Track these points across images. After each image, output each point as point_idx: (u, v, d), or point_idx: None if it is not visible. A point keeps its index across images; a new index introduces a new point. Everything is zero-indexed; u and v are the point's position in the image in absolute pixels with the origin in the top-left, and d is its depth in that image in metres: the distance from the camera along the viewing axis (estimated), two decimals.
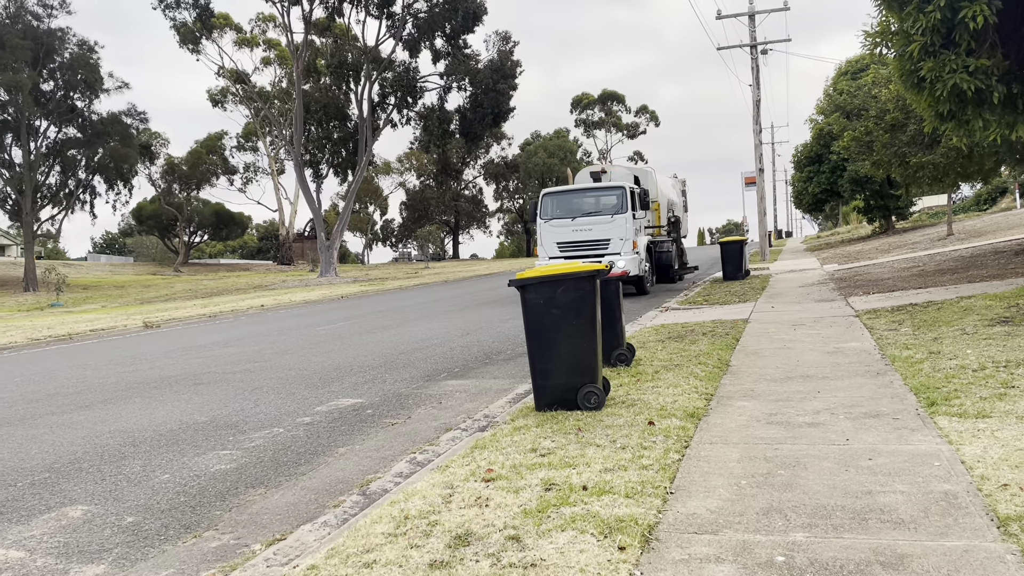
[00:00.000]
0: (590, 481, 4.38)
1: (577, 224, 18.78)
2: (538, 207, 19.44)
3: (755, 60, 31.20)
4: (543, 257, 18.91)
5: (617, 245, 18.31)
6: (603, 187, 19.41)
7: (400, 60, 49.27)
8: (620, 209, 18.55)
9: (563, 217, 18.99)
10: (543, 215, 19.24)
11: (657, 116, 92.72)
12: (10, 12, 45.58)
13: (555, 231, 18.90)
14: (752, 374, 7.48)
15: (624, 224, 18.42)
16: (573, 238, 18.69)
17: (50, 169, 49.84)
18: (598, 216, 18.75)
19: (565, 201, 19.42)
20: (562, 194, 19.71)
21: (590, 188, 19.72)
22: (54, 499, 5.43)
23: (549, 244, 18.91)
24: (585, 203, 19.28)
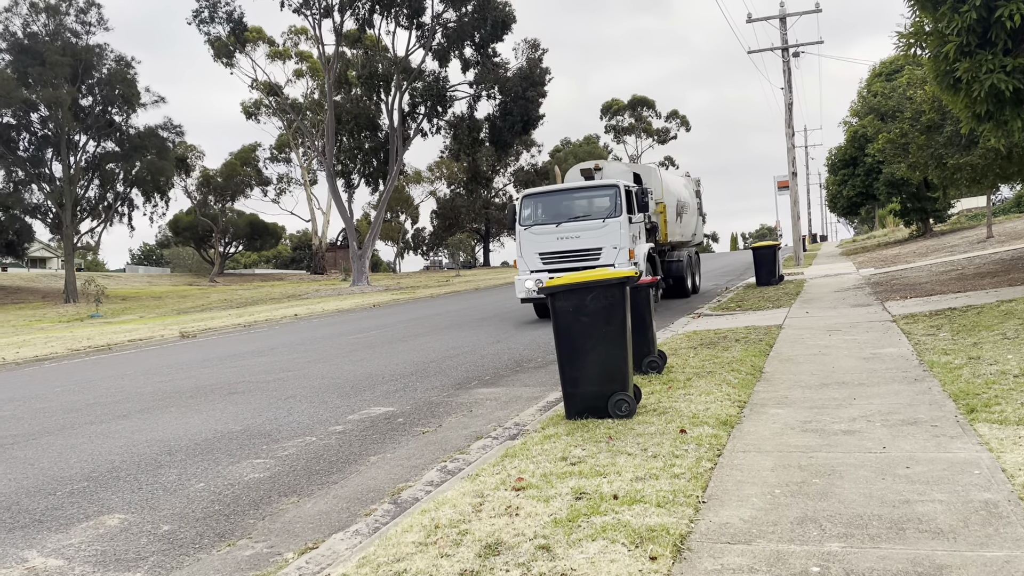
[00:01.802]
0: (621, 490, 4.35)
1: (562, 231, 15.99)
2: (517, 212, 16.78)
3: (787, 63, 30.89)
4: (523, 270, 16.42)
5: (610, 255, 15.54)
6: (593, 186, 16.52)
7: (430, 70, 49.63)
8: (613, 212, 15.78)
9: (546, 223, 16.23)
10: (523, 221, 16.57)
11: (688, 121, 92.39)
12: (50, 30, 46.72)
13: (536, 240, 16.22)
14: (786, 381, 7.38)
15: (618, 230, 15.63)
16: (558, 248, 16.01)
17: (89, 183, 50.91)
18: (587, 221, 15.93)
19: (548, 204, 16.69)
20: (545, 196, 16.84)
21: (578, 188, 16.76)
22: (92, 508, 5.52)
23: (530, 255, 16.28)
24: (572, 206, 16.57)
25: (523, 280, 16.18)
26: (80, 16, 48.12)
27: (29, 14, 46.77)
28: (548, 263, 16.02)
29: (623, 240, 15.59)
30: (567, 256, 15.91)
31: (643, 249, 16.37)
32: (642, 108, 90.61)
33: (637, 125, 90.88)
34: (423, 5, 46.04)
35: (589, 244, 15.71)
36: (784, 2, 31.28)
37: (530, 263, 16.24)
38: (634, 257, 15.65)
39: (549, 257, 16.08)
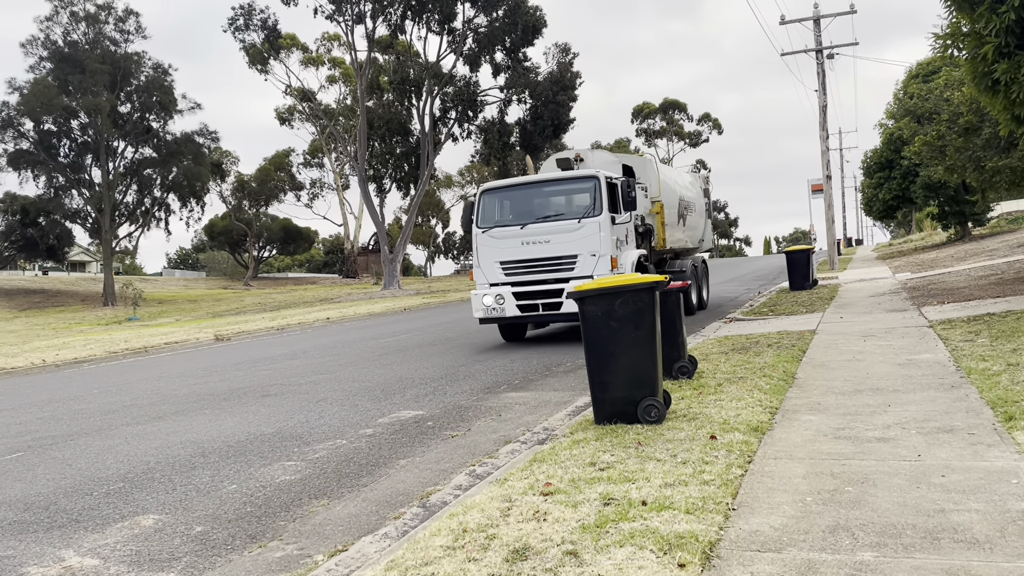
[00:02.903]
0: (650, 496, 4.33)
1: (529, 234, 13.05)
2: (474, 210, 13.81)
3: (821, 65, 30.55)
4: (480, 283, 13.54)
5: (587, 264, 12.71)
6: (566, 178, 13.61)
7: (461, 75, 49.85)
8: (592, 210, 12.87)
9: (508, 224, 13.34)
10: (481, 221, 13.60)
11: (720, 124, 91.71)
12: (89, 38, 47.71)
13: (497, 245, 13.32)
14: (819, 387, 7.29)
15: (597, 232, 12.70)
16: (522, 255, 13.08)
17: (127, 188, 51.85)
18: (559, 221, 13.08)
19: (512, 201, 13.76)
20: (507, 191, 13.90)
21: (547, 180, 13.87)
22: (127, 508, 5.62)
23: (489, 264, 13.39)
24: (541, 203, 13.68)
25: (480, 296, 13.39)
26: (119, 25, 49.09)
27: (70, 23, 47.80)
28: (511, 274, 13.21)
29: (603, 245, 12.66)
30: (534, 265, 13.05)
31: (631, 257, 13.39)
32: (673, 111, 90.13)
33: (668, 128, 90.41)
34: (454, 11, 46.27)
35: (561, 250, 12.86)
36: (818, 3, 30.96)
37: (489, 274, 13.42)
38: (617, 267, 12.76)
39: (512, 267, 13.22)
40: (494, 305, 13.23)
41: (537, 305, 12.99)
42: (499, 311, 13.21)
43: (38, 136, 47.22)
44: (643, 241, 14.77)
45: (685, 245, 18.11)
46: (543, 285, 12.98)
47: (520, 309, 13.10)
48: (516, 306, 13.09)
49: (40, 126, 47.04)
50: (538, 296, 12.99)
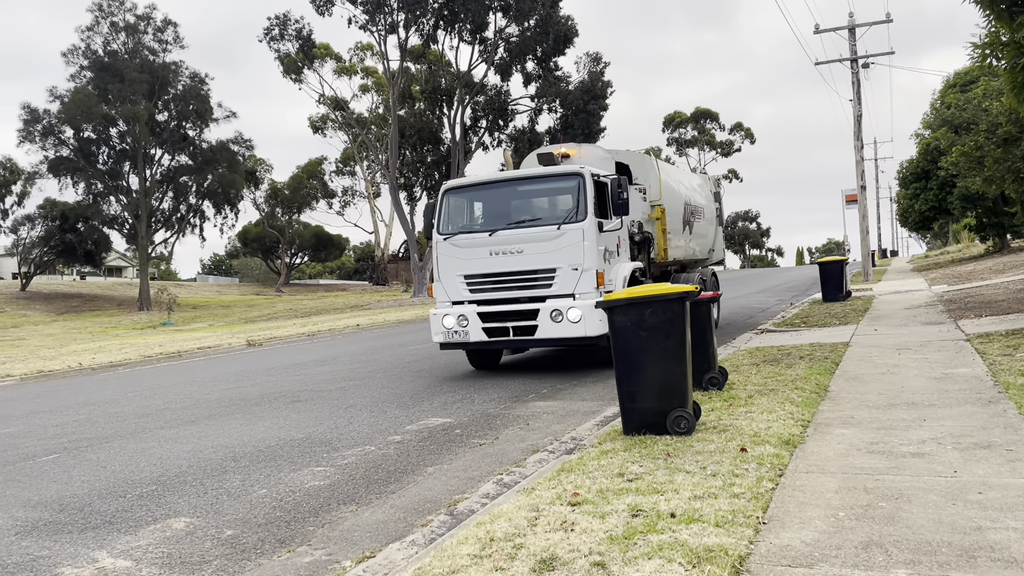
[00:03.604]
0: (679, 508, 4.29)
1: (498, 242, 10.90)
2: (435, 214, 11.65)
3: (856, 74, 30.22)
4: (441, 301, 11.38)
5: (567, 280, 10.53)
6: (543, 175, 11.33)
7: (492, 84, 50.06)
8: (575, 214, 10.67)
9: (475, 231, 11.26)
10: (443, 227, 11.48)
11: (752, 133, 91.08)
12: (129, 48, 48.68)
13: (461, 255, 11.16)
14: (852, 400, 7.18)
15: (580, 241, 10.51)
16: (490, 268, 10.94)
17: (163, 195, 52.74)
18: (534, 227, 10.84)
19: (479, 202, 11.78)
20: (474, 190, 11.76)
21: (521, 178, 11.69)
22: (160, 511, 5.69)
23: (451, 278, 11.25)
24: (513, 204, 11.59)
25: (440, 316, 11.18)
26: (157, 35, 50.02)
27: (110, 33, 48.81)
28: (477, 290, 11.07)
29: (588, 257, 10.48)
30: (504, 281, 10.89)
31: (622, 271, 11.31)
32: (705, 120, 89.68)
33: (700, 138, 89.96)
34: (486, 20, 46.50)
35: (536, 263, 10.67)
36: (853, 13, 30.66)
37: (451, 290, 11.26)
38: (604, 284, 10.62)
39: (478, 282, 11.06)
40: (456, 327, 11.04)
41: (507, 328, 10.83)
42: (461, 335, 11.04)
43: (78, 143, 48.22)
44: (640, 252, 12.70)
45: (692, 256, 15.95)
46: (514, 304, 10.78)
47: (487, 333, 10.94)
48: (482, 329, 10.93)
49: (80, 134, 48.04)
50: (508, 318, 10.81)
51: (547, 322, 10.47)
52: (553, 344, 10.98)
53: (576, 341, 10.48)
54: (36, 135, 47.03)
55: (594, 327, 10.28)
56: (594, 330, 10.29)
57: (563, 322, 10.39)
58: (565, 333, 10.40)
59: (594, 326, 10.28)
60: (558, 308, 10.45)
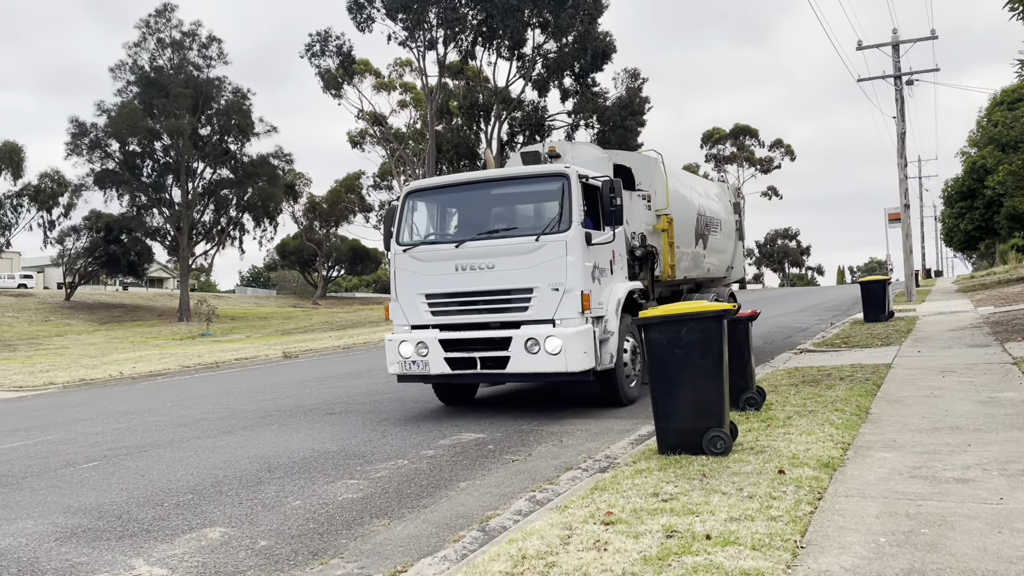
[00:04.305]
0: (714, 530, 4.22)
1: (466, 256, 9.18)
2: (394, 220, 9.90)
3: (899, 91, 29.80)
4: (398, 324, 9.63)
5: (546, 303, 8.82)
6: (522, 176, 9.72)
7: (529, 100, 50.28)
8: (557, 223, 8.99)
9: (439, 241, 9.66)
10: (402, 236, 9.78)
11: (792, 150, 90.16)
12: (174, 63, 49.81)
13: (422, 270, 9.44)
14: (894, 423, 7.03)
15: (562, 255, 8.81)
16: (455, 286, 9.22)
17: (205, 208, 53.71)
18: (509, 238, 9.19)
19: (447, 207, 10.17)
20: (440, 193, 10.10)
21: (495, 179, 9.98)
22: (196, 520, 5.75)
23: (410, 298, 9.49)
24: (485, 211, 9.95)
25: (396, 343, 9.45)
26: (202, 51, 51.13)
27: (156, 49, 50.00)
28: (440, 313, 9.33)
29: (571, 275, 8.77)
30: (471, 302, 9.17)
31: (616, 292, 9.59)
32: (744, 137, 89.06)
33: (739, 154, 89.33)
34: (524, 37, 46.78)
35: (509, 281, 8.97)
36: (897, 29, 30.27)
37: (410, 312, 9.49)
38: (590, 308, 8.85)
39: (441, 303, 9.32)
40: (414, 357, 9.27)
41: (474, 360, 9.03)
42: (420, 366, 9.24)
43: (123, 157, 49.36)
44: (642, 269, 11.03)
45: (708, 274, 14.18)
46: (483, 331, 9.05)
47: (449, 364, 9.13)
48: (444, 360, 9.13)
49: (125, 147, 49.18)
50: (476, 346, 9.03)
51: (521, 353, 8.74)
52: (528, 379, 9.54)
53: (555, 377, 8.80)
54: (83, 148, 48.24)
55: (577, 360, 8.57)
56: (577, 364, 8.56)
57: (539, 353, 8.63)
58: (542, 367, 8.66)
59: (577, 359, 8.57)
60: (534, 337, 8.67)
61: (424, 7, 44.35)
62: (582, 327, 8.72)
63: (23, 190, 42.05)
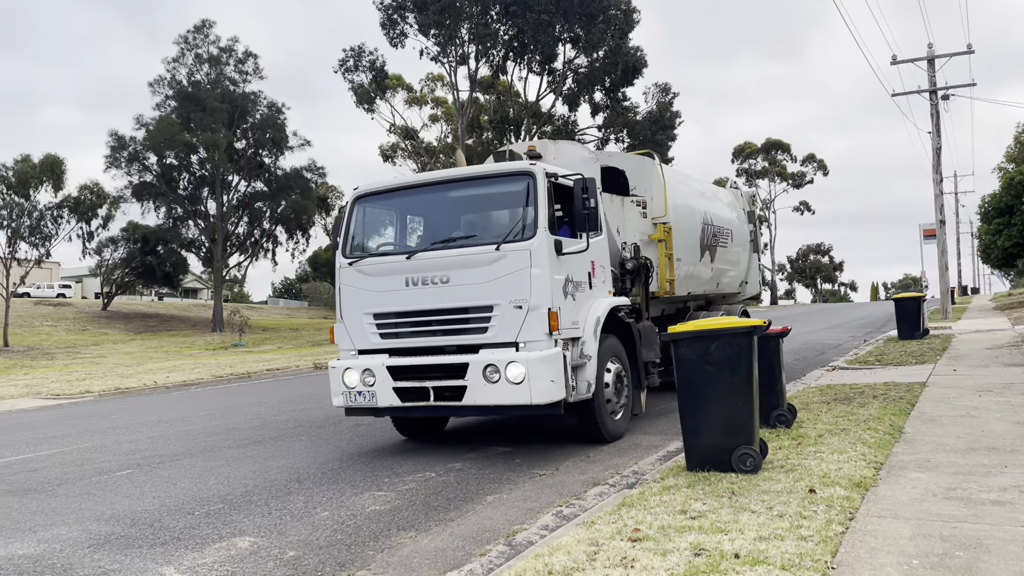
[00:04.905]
0: (743, 549, 4.18)
1: (417, 268, 8.01)
2: (341, 229, 8.79)
3: (935, 106, 29.42)
4: (344, 348, 8.43)
5: (508, 323, 7.60)
6: (482, 175, 8.57)
7: (559, 114, 50.38)
8: (520, 229, 7.83)
9: (389, 253, 8.46)
10: (349, 248, 8.64)
11: (825, 164, 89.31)
12: (211, 78, 50.69)
13: (369, 286, 8.26)
14: (929, 443, 6.90)
15: (527, 266, 7.61)
16: (405, 304, 8.03)
17: (239, 220, 54.44)
18: (465, 249, 7.97)
19: (400, 214, 8.97)
20: (392, 197, 8.88)
21: (453, 179, 8.65)
22: (226, 529, 5.81)
23: (356, 319, 8.29)
24: (442, 217, 8.77)
25: (340, 370, 8.30)
26: (238, 66, 51.98)
27: (194, 64, 50.93)
28: (390, 335, 8.15)
29: (537, 290, 7.54)
30: (424, 322, 7.97)
31: (596, 309, 8.36)
32: (776, 151, 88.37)
33: (771, 169, 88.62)
34: (555, 52, 46.95)
35: (466, 297, 7.76)
36: (932, 43, 29.92)
37: (356, 334, 8.31)
38: (559, 328, 7.57)
39: (391, 323, 8.14)
40: (359, 387, 8.12)
41: (426, 390, 7.83)
42: (367, 397, 8.11)
43: (160, 169, 50.24)
44: (634, 283, 9.88)
45: (717, 289, 13.00)
46: (437, 356, 7.85)
47: (399, 396, 7.95)
48: (393, 390, 7.96)
49: (163, 160, 50.06)
50: (428, 374, 7.83)
51: (479, 382, 7.49)
52: (488, 413, 8.57)
53: (519, 410, 7.62)
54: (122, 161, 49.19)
55: (542, 391, 7.32)
56: (542, 395, 7.33)
57: (500, 382, 7.37)
58: (503, 398, 7.41)
59: (542, 389, 7.33)
60: (493, 363, 7.44)
61: (456, 23, 44.75)
62: (549, 351, 7.46)
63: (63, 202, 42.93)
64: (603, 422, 8.22)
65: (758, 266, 15.50)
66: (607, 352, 8.42)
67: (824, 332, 26.64)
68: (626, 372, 8.82)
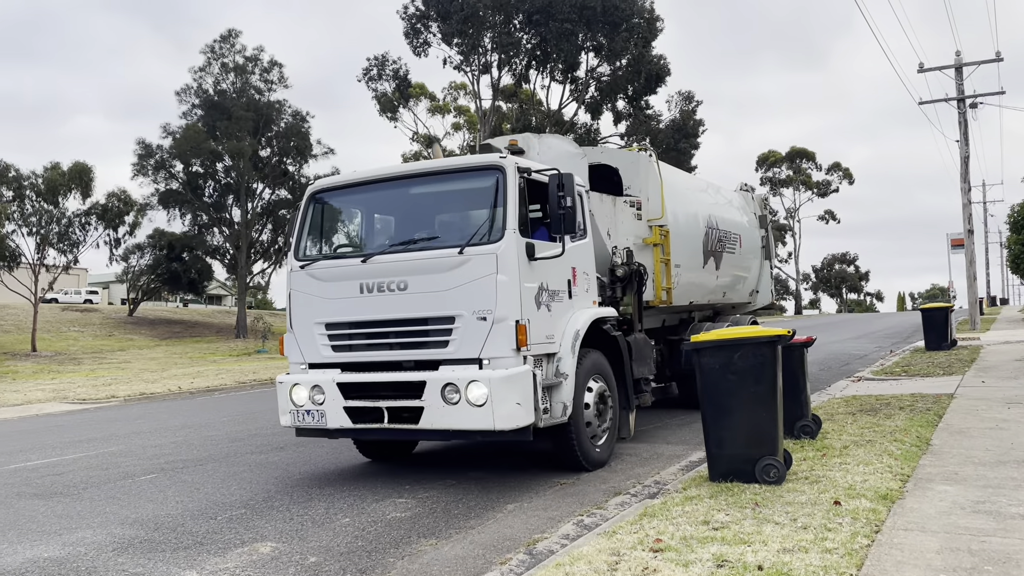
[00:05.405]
0: (766, 561, 4.12)
1: (373, 274, 7.21)
2: (295, 230, 8.04)
3: (963, 114, 29.08)
4: (293, 360, 7.65)
5: (471, 337, 6.75)
6: (446, 170, 7.64)
7: (582, 122, 50.40)
8: (487, 230, 7.02)
9: (344, 256, 7.74)
10: (302, 250, 7.88)
11: (851, 173, 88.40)
12: (237, 87, 51.26)
13: (321, 292, 7.48)
14: (956, 455, 6.79)
15: (491, 272, 6.76)
16: (358, 313, 7.25)
17: (263, 227, 54.90)
18: (425, 252, 7.14)
19: (359, 212, 8.31)
20: (351, 193, 8.15)
21: (416, 174, 7.84)
22: (248, 534, 5.84)
23: (307, 329, 7.51)
24: (404, 216, 7.95)
25: (287, 386, 7.56)
26: (264, 75, 52.49)
27: (220, 73, 51.53)
28: (342, 348, 7.36)
29: (503, 300, 6.69)
30: (379, 334, 7.16)
31: (576, 322, 7.48)
32: (801, 160, 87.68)
33: (795, 177, 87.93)
34: (578, 60, 46.99)
35: (425, 307, 6.94)
36: (960, 51, 29.61)
37: (307, 346, 7.52)
38: (528, 344, 6.71)
39: (344, 335, 7.35)
40: (308, 405, 7.36)
41: (379, 410, 7.01)
42: (316, 417, 7.32)
43: (186, 177, 50.80)
44: (625, 292, 9.01)
45: (724, 299, 12.16)
46: (392, 373, 7.06)
47: (351, 416, 7.15)
48: (344, 410, 7.16)
49: (189, 168, 50.63)
50: (382, 393, 7.05)
51: (437, 403, 6.67)
52: (447, 438, 7.66)
53: (481, 436, 6.78)
54: (149, 169, 49.81)
55: (507, 415, 6.49)
56: (507, 420, 6.50)
57: (460, 404, 6.57)
58: (463, 423, 6.61)
59: (507, 413, 6.49)
60: (453, 382, 6.62)
61: (479, 32, 44.95)
62: (516, 369, 6.58)
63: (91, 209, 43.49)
64: (581, 448, 7.31)
65: (770, 274, 14.49)
66: (589, 369, 7.54)
67: (849, 342, 26.35)
68: (611, 391, 7.90)
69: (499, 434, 6.62)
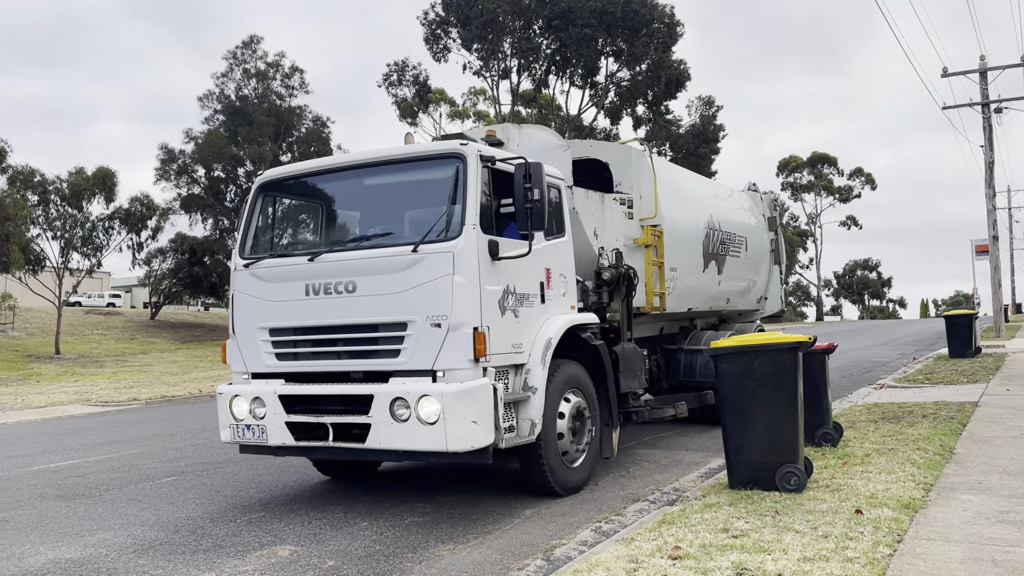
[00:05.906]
0: (786, 569, 4.09)
1: (319, 275, 6.51)
2: (241, 225, 7.36)
3: (987, 119, 28.76)
4: (237, 371, 7.02)
5: (424, 345, 6.03)
6: (403, 158, 6.85)
7: (601, 127, 50.35)
8: (445, 225, 6.27)
9: (290, 254, 7.11)
10: (247, 248, 7.19)
11: (873, 179, 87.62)
12: (258, 93, 51.71)
13: (265, 294, 6.79)
14: (980, 465, 6.70)
15: (447, 272, 6.04)
16: (304, 318, 6.57)
17: None
18: (376, 252, 6.44)
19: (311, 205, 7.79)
20: (299, 185, 7.48)
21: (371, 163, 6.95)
22: (267, 537, 5.86)
23: (249, 334, 6.82)
24: (357, 209, 7.42)
25: (227, 397, 6.92)
26: (285, 81, 52.91)
27: (242, 79, 52.01)
28: (287, 356, 6.73)
29: (460, 303, 6.02)
30: (325, 341, 6.55)
31: (547, 330, 6.76)
32: (822, 165, 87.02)
33: (817, 183, 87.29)
34: (597, 65, 47.01)
35: (374, 311, 6.28)
36: (984, 55, 29.30)
37: (250, 354, 6.86)
38: (486, 355, 6.03)
39: (288, 340, 6.73)
40: (248, 419, 6.72)
41: (324, 427, 6.34)
42: (256, 432, 6.67)
43: (208, 182, 51.30)
44: (612, 297, 8.09)
45: (728, 305, 11.38)
46: (340, 384, 6.42)
47: (293, 432, 6.47)
48: (286, 425, 6.50)
49: (211, 173, 51.12)
50: (327, 407, 6.39)
51: (385, 419, 6.01)
52: (397, 458, 6.79)
53: (432, 456, 6.11)
54: (171, 174, 50.34)
55: (461, 435, 5.80)
56: (460, 440, 5.81)
57: (410, 421, 5.90)
58: (412, 443, 5.94)
59: (461, 432, 5.80)
60: (403, 396, 5.95)
61: (499, 38, 45.08)
62: (472, 383, 5.90)
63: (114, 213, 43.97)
64: (552, 470, 6.58)
65: (779, 280, 13.36)
66: (564, 382, 6.81)
67: (871, 349, 26.10)
68: (591, 407, 7.12)
69: (453, 456, 5.93)
